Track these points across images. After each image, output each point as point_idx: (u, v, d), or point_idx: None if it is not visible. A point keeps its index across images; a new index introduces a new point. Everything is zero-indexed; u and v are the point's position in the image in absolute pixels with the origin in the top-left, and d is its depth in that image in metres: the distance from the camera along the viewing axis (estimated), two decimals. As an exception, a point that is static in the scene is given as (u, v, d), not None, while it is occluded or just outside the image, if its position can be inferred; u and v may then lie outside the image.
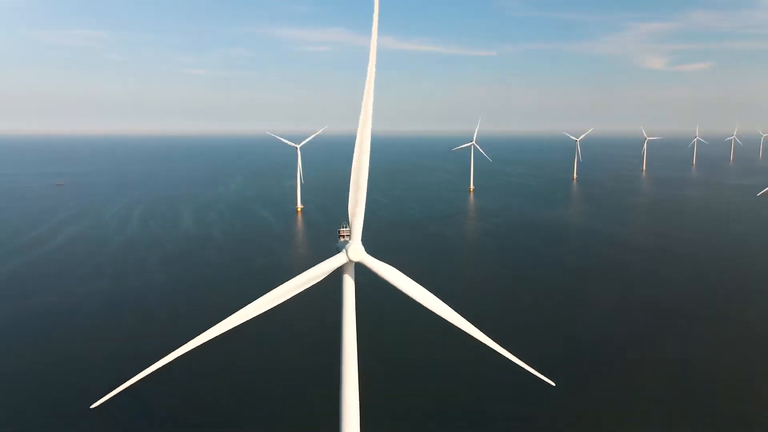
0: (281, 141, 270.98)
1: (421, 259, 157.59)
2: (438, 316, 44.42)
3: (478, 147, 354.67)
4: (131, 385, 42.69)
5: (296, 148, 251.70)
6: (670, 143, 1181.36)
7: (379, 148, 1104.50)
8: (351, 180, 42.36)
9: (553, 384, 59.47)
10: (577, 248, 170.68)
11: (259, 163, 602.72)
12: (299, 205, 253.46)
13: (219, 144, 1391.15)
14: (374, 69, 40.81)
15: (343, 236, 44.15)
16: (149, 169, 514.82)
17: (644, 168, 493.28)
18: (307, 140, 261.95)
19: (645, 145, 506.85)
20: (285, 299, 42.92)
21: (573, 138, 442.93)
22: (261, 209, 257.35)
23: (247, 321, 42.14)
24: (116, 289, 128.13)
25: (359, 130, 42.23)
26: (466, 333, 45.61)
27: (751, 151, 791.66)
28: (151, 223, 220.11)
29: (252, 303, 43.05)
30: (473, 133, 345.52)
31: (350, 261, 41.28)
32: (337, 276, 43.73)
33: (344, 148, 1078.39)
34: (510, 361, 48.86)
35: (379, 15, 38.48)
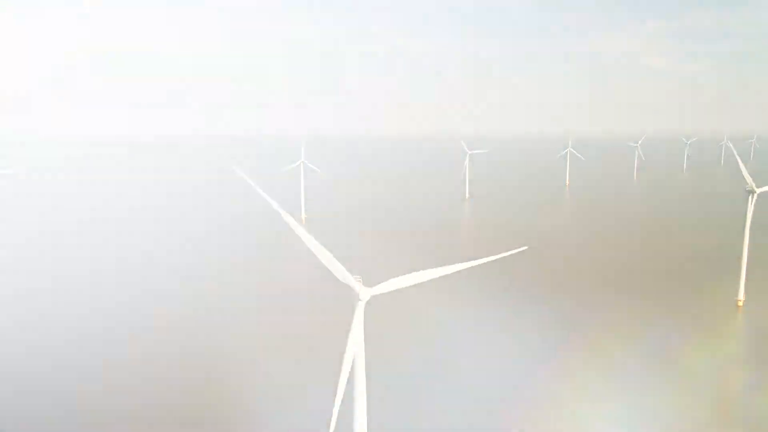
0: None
1: (415, 268, 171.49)
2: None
3: (471, 155, 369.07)
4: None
5: (301, 162, 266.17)
6: (665, 144, 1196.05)
7: (379, 150, 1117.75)
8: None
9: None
10: (560, 260, 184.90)
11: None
12: (303, 215, 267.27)
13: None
14: None
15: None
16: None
17: (635, 174, 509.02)
18: (305, 162, 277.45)
19: (637, 150, 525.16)
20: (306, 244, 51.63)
21: (568, 149, 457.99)
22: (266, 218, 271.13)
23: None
24: (140, 295, 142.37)
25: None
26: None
27: (743, 154, 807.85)
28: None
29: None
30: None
31: (361, 300, 54.66)
32: (349, 313, 56.70)
33: (343, 150, 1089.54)
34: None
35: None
